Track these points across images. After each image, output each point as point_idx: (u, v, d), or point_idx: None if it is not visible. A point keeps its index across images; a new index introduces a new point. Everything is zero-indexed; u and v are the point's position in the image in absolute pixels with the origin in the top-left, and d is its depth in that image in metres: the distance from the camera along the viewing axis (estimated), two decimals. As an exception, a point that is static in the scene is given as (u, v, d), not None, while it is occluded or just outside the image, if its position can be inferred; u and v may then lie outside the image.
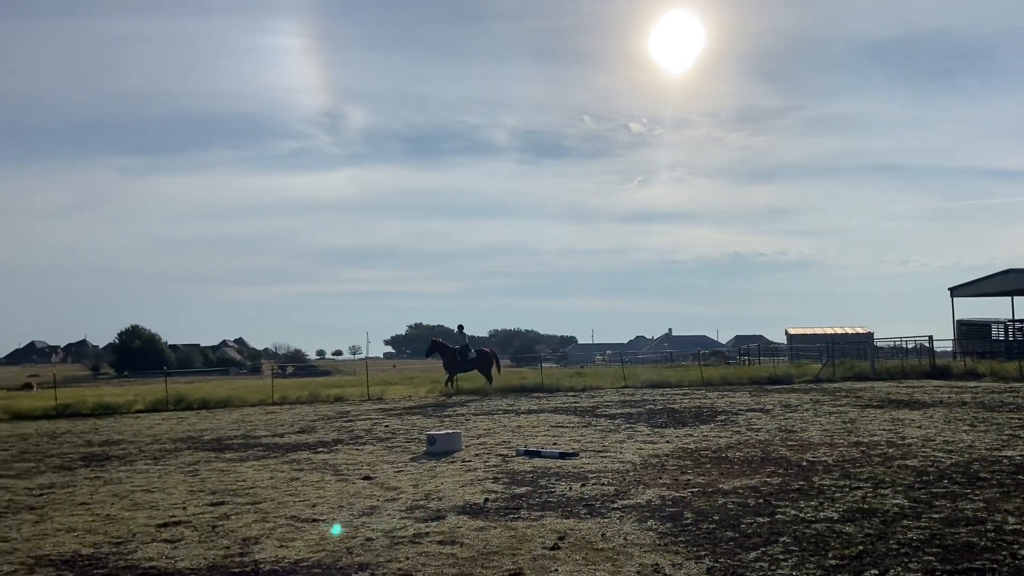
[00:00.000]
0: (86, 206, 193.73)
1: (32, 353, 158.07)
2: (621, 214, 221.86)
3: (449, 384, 25.70)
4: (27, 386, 67.00)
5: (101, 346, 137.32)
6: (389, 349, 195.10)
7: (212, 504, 7.79)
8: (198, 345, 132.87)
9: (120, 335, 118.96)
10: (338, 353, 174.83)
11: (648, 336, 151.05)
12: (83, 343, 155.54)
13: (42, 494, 8.84)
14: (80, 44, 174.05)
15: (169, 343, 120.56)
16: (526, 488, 8.07)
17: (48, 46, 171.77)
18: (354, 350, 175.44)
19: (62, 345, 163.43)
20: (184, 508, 7.64)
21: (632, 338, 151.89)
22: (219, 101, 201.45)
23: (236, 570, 5.35)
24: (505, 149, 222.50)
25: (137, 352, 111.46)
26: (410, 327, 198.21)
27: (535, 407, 19.30)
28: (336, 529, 6.40)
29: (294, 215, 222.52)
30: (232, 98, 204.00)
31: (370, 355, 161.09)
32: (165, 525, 6.87)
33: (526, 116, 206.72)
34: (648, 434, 12.49)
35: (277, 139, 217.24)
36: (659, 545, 5.67)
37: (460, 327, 26.77)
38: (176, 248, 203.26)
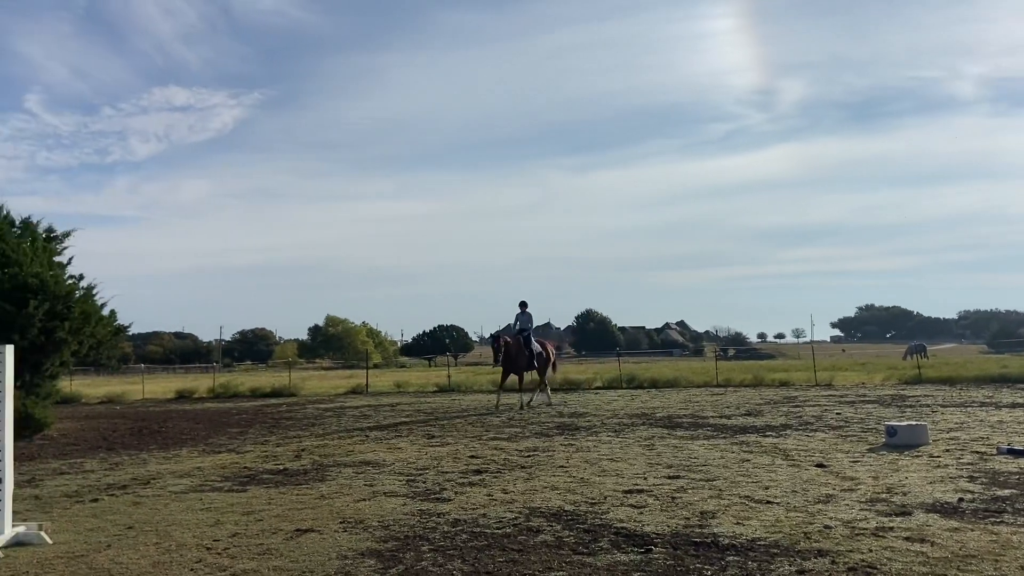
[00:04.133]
0: (543, 204, 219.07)
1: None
2: None
3: (507, 387, 19.67)
4: (507, 363, 78.30)
5: (562, 328, 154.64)
6: (836, 332, 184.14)
7: (669, 477, 8.36)
8: (643, 327, 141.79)
9: (577, 318, 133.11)
10: (780, 336, 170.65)
11: None
12: (547, 325, 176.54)
13: (529, 455, 10.40)
14: (530, 60, 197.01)
15: (618, 325, 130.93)
16: (1011, 491, 7.09)
17: (504, 66, 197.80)
18: (797, 333, 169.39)
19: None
20: (645, 478, 8.33)
21: None
22: (652, 95, 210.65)
23: (697, 540, 5.71)
24: (971, 103, 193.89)
25: (592, 333, 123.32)
26: (860, 308, 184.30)
27: (1021, 400, 16.62)
28: None
29: (730, 197, 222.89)
30: (664, 90, 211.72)
31: (815, 338, 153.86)
32: (630, 492, 7.59)
33: (999, 61, 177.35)
34: None
35: (709, 123, 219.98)
36: None
37: (523, 304, 19.16)
38: (620, 237, 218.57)
